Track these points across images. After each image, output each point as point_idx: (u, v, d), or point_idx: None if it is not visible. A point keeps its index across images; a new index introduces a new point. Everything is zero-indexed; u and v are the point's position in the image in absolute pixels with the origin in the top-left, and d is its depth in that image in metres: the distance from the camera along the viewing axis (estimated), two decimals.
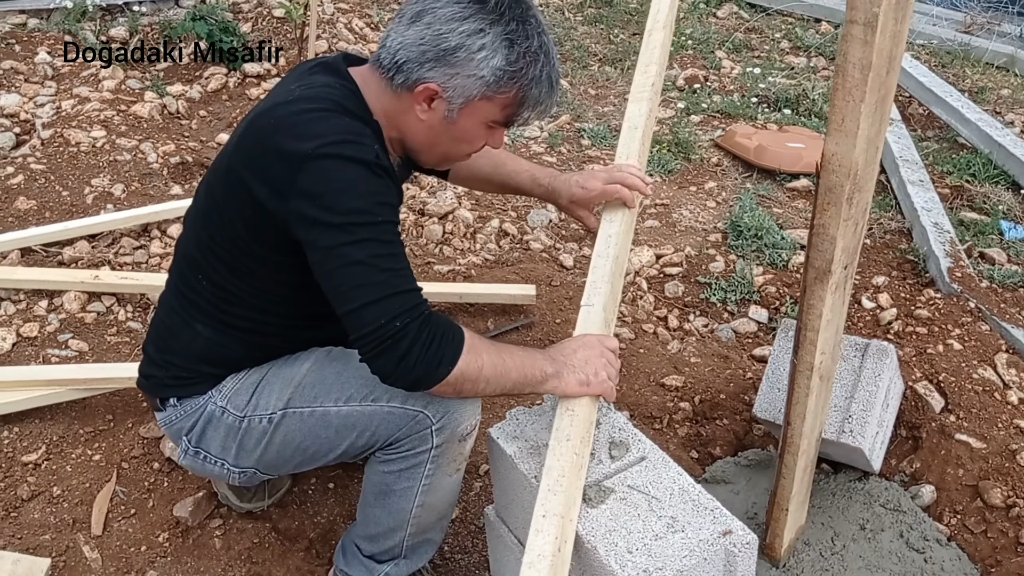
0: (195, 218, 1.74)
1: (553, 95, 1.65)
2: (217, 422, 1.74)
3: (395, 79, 1.58)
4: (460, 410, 1.70)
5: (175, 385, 1.77)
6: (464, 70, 1.54)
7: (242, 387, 1.74)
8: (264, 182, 1.52)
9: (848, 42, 1.47)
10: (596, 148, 4.12)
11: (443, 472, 1.76)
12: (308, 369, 1.75)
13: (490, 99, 1.58)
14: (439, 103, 1.58)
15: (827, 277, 1.69)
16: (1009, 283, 2.99)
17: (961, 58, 5.24)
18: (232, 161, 1.61)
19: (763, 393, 2.26)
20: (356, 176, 1.47)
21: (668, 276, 3.16)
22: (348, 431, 1.70)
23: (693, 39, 5.49)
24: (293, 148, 1.48)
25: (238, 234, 1.61)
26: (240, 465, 1.78)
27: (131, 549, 2.08)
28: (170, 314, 1.78)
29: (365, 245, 1.46)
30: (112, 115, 4.00)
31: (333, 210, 1.46)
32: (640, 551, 1.48)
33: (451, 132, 1.63)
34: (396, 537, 1.82)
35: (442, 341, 1.50)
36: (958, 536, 2.17)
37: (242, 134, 1.63)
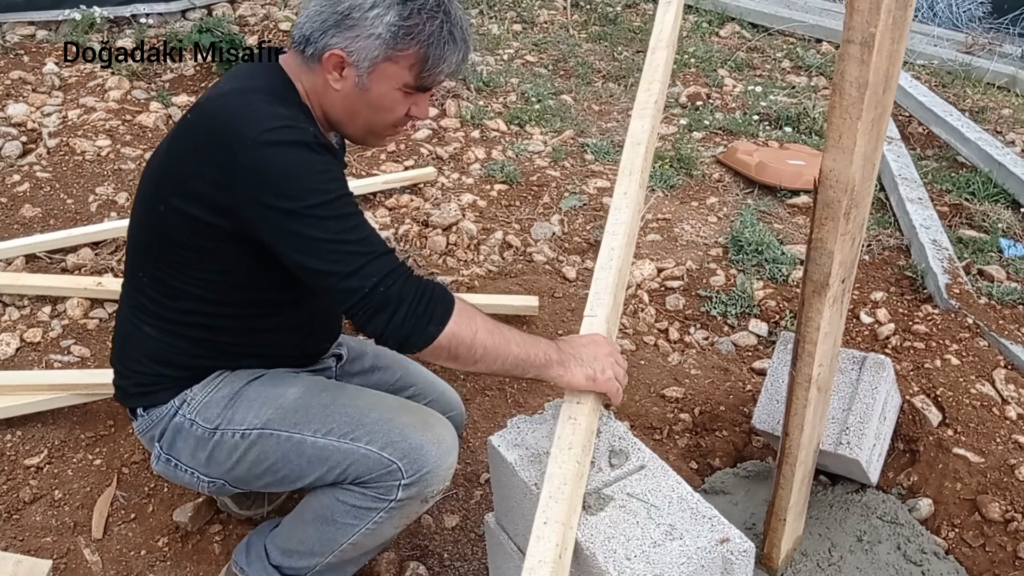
0: (136, 216, 1.73)
1: (458, 50, 1.63)
2: (187, 433, 1.73)
3: (306, 51, 1.60)
4: (435, 472, 1.69)
5: (140, 394, 1.76)
6: (362, 31, 1.56)
7: (212, 400, 1.73)
8: (204, 174, 1.53)
9: (845, 61, 1.49)
10: (599, 163, 4.15)
11: (392, 523, 1.74)
12: (294, 393, 1.73)
13: (394, 60, 1.59)
14: (349, 70, 1.60)
15: (825, 290, 1.71)
16: (1008, 300, 3.01)
17: (962, 78, 5.28)
18: (167, 156, 1.63)
19: (762, 405, 2.28)
20: (300, 159, 1.49)
21: (669, 289, 3.18)
22: (319, 464, 1.68)
23: (696, 57, 5.54)
24: (231, 139, 1.49)
25: (178, 227, 1.60)
26: (210, 475, 1.76)
27: (131, 553, 2.09)
28: (123, 320, 1.79)
29: (327, 224, 1.48)
30: (117, 124, 4.03)
31: (286, 196, 1.47)
32: (638, 558, 1.49)
33: (367, 99, 1.63)
34: (312, 560, 1.79)
35: (431, 300, 1.52)
36: (956, 550, 2.18)
37: (176, 129, 1.64)
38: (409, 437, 1.67)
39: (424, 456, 1.67)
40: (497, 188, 3.80)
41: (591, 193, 3.81)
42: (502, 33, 5.78)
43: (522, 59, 5.45)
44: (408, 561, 2.10)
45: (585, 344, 1.70)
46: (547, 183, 3.88)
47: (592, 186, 3.88)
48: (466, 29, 1.64)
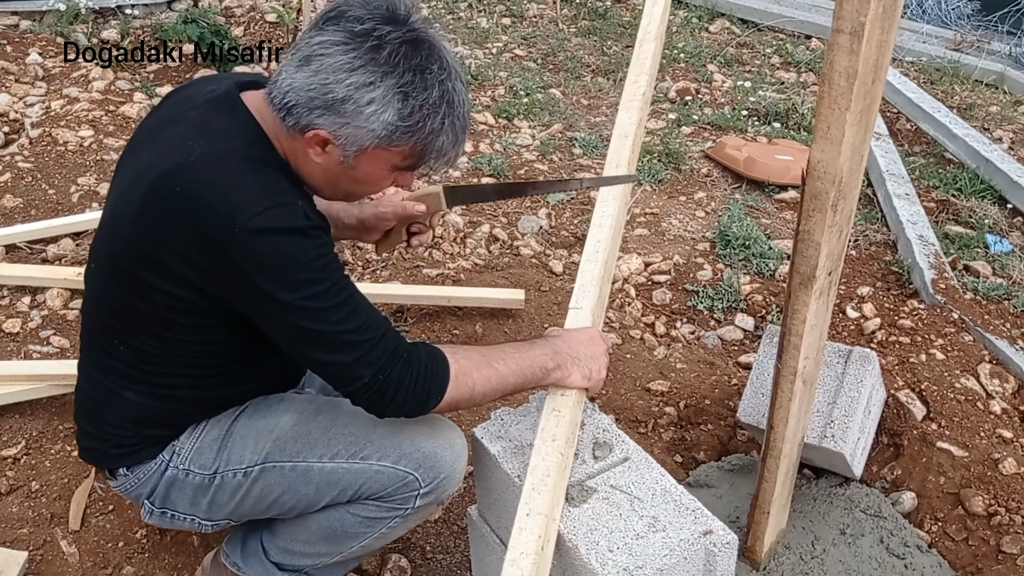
0: (100, 281, 1.58)
1: (458, 145, 1.53)
2: (182, 484, 1.65)
3: (286, 120, 1.45)
4: (451, 477, 1.66)
5: (121, 455, 1.65)
6: (354, 121, 1.42)
7: (203, 445, 1.65)
8: (186, 258, 1.41)
9: (834, 51, 1.48)
10: (587, 157, 4.13)
11: (404, 527, 1.72)
12: (290, 422, 1.66)
13: (387, 150, 1.47)
14: (333, 148, 1.46)
15: (812, 283, 1.69)
16: (994, 295, 3.01)
17: (950, 75, 5.29)
18: (138, 229, 1.45)
19: (747, 398, 2.27)
20: (292, 248, 1.39)
21: (656, 283, 3.17)
22: (330, 488, 1.63)
23: (686, 52, 5.53)
24: (216, 225, 1.37)
25: (160, 306, 1.49)
26: (212, 518, 1.70)
27: (108, 545, 2.07)
28: (93, 384, 1.64)
29: (325, 315, 1.42)
30: (101, 115, 4.00)
31: (281, 288, 1.39)
32: (621, 550, 1.48)
33: (350, 175, 1.51)
34: (316, 560, 1.76)
35: (427, 378, 1.50)
36: (939, 543, 2.18)
37: (144, 201, 1.44)
38: (422, 446, 1.64)
39: (439, 463, 1.64)
40: (484, 181, 3.78)
41: None
42: (491, 27, 5.76)
43: (511, 53, 5.43)
44: (390, 554, 2.08)
45: (582, 341, 1.70)
46: (535, 177, 3.86)
47: None
48: (466, 116, 1.52)
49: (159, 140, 1.53)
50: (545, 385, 1.67)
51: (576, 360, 1.67)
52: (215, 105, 1.52)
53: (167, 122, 1.56)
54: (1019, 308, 2.95)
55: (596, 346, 1.71)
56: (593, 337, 1.73)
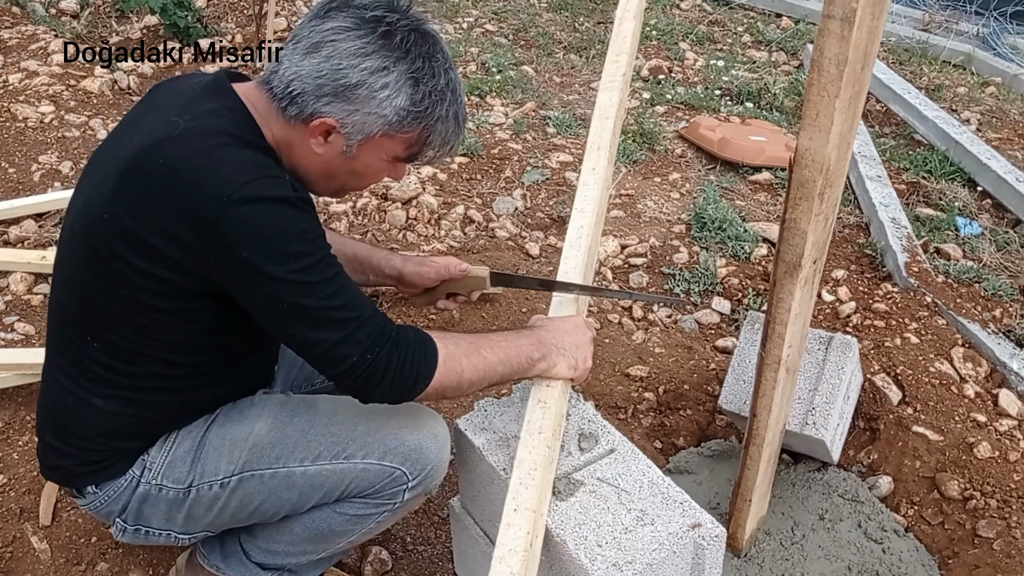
0: (72, 273, 1.51)
1: (460, 134, 1.56)
2: (155, 499, 1.59)
3: (288, 110, 1.45)
4: (438, 467, 1.64)
5: (89, 472, 1.57)
6: (365, 107, 1.44)
7: (175, 459, 1.58)
8: (172, 236, 1.36)
9: (825, 37, 1.46)
10: (561, 136, 4.09)
11: (393, 519, 1.69)
12: (265, 427, 1.60)
13: (392, 137, 1.49)
14: (336, 137, 1.47)
15: (797, 271, 1.69)
16: (964, 278, 3.04)
17: (919, 56, 5.32)
18: (118, 207, 1.40)
19: (728, 385, 2.27)
20: (282, 218, 1.36)
21: (633, 267, 3.15)
22: (315, 491, 1.59)
23: (657, 30, 5.49)
24: (203, 196, 1.33)
25: (140, 288, 1.42)
26: (190, 531, 1.65)
27: (81, 540, 2.02)
28: (60, 394, 1.56)
29: (313, 290, 1.39)
30: (61, 90, 3.88)
31: (270, 260, 1.35)
32: (610, 544, 1.47)
33: (349, 166, 1.52)
34: (301, 558, 1.72)
35: (414, 360, 1.47)
36: (915, 527, 2.20)
37: (123, 177, 1.40)
38: (406, 439, 1.61)
39: (426, 454, 1.61)
40: (458, 161, 3.73)
41: (553, 167, 3.76)
42: (461, 0, 5.68)
43: (482, 28, 5.36)
44: (370, 546, 2.06)
45: (567, 331, 1.68)
46: (509, 156, 3.82)
47: (555, 160, 3.83)
48: (465, 107, 1.56)
49: (143, 125, 1.48)
50: (531, 376, 1.65)
51: (562, 350, 1.65)
52: (202, 90, 1.50)
53: (152, 110, 1.52)
54: (990, 291, 2.98)
55: (581, 335, 1.70)
56: (578, 326, 1.72)
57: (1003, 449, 2.28)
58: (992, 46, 5.56)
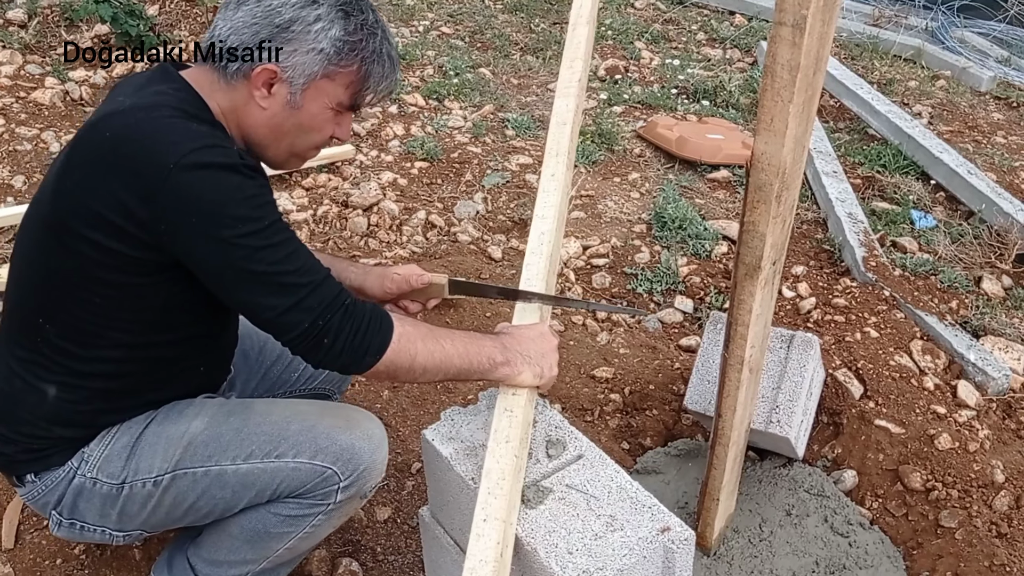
0: (29, 257, 1.53)
1: (395, 73, 1.58)
2: (89, 493, 1.58)
3: (229, 67, 1.47)
4: (371, 469, 1.63)
5: (30, 459, 1.58)
6: (302, 45, 1.46)
7: (112, 453, 1.58)
8: (119, 204, 1.37)
9: (777, 43, 1.48)
10: (520, 139, 4.10)
11: (329, 524, 1.68)
12: (200, 426, 1.60)
13: (332, 77, 1.50)
14: (280, 87, 1.49)
15: (757, 273, 1.71)
16: (921, 271, 3.09)
17: (870, 51, 5.40)
18: (65, 183, 1.43)
19: (693, 385, 2.29)
20: (228, 183, 1.37)
21: (595, 267, 3.17)
22: (247, 490, 1.58)
23: (613, 30, 5.52)
24: (149, 163, 1.35)
25: (93, 263, 1.43)
26: (124, 529, 1.64)
27: (45, 563, 1.98)
28: (10, 380, 1.56)
29: (262, 254, 1.38)
30: (11, 102, 3.80)
31: (217, 225, 1.36)
32: (580, 551, 1.47)
33: (296, 119, 1.53)
34: (244, 568, 1.71)
35: (368, 331, 1.47)
36: (880, 520, 2.24)
37: (72, 152, 1.44)
38: (338, 439, 1.60)
39: (358, 455, 1.61)
40: (418, 166, 3.73)
41: (513, 170, 3.77)
42: (416, 3, 5.66)
43: (438, 30, 5.34)
44: (340, 558, 2.04)
45: (532, 338, 1.67)
46: (468, 160, 3.81)
47: (514, 162, 3.83)
48: (395, 46, 1.58)
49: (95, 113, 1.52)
50: (492, 379, 1.64)
51: (527, 358, 1.65)
52: (147, 77, 1.53)
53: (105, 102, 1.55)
54: (945, 283, 3.04)
55: (547, 342, 1.70)
56: (543, 333, 1.71)
57: (963, 440, 2.33)
58: (941, 40, 5.66)
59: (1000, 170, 3.98)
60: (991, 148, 4.26)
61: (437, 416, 1.77)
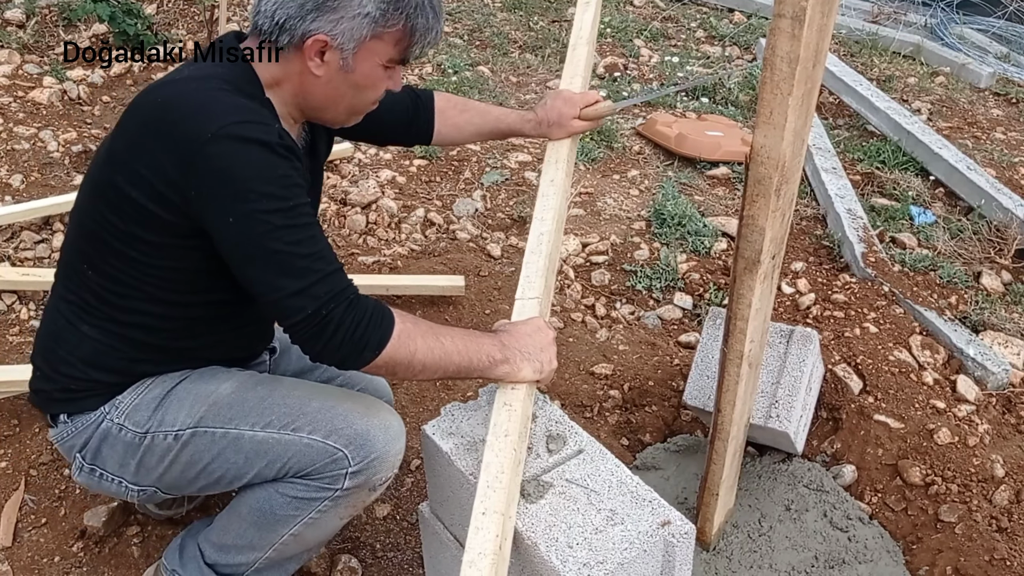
0: (81, 208, 1.63)
1: (440, 21, 1.61)
2: (114, 439, 1.63)
3: (280, 40, 1.52)
4: (382, 459, 1.64)
5: (65, 399, 1.65)
6: (348, 11, 1.50)
7: (142, 402, 1.63)
8: (159, 167, 1.44)
9: (776, 36, 1.47)
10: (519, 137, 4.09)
11: (336, 513, 1.69)
12: (228, 388, 1.65)
13: (380, 37, 1.53)
14: (331, 54, 1.53)
15: (756, 267, 1.70)
16: (920, 267, 3.09)
17: (869, 47, 5.40)
18: (117, 143, 1.52)
19: (692, 381, 2.28)
20: (261, 159, 1.42)
21: (594, 264, 3.17)
22: (259, 458, 1.61)
23: (612, 27, 5.52)
24: (189, 130, 1.41)
25: (132, 220, 1.50)
26: (140, 483, 1.67)
27: (44, 560, 1.98)
28: (55, 318, 1.66)
29: (281, 233, 1.41)
30: (9, 101, 3.80)
31: (242, 198, 1.40)
32: (581, 545, 1.47)
33: (351, 81, 1.57)
34: (251, 556, 1.73)
35: (368, 326, 1.47)
36: (879, 514, 2.24)
37: (127, 115, 1.54)
38: (354, 423, 1.62)
39: (371, 442, 1.62)
40: (416, 164, 3.72)
41: (512, 168, 3.77)
42: None
43: None
44: (339, 554, 2.04)
45: (529, 334, 1.68)
46: (467, 158, 3.81)
47: (513, 160, 3.83)
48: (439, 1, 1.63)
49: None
50: (492, 376, 1.65)
51: (526, 354, 1.65)
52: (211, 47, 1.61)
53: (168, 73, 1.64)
54: (945, 279, 3.04)
55: (544, 336, 1.70)
56: (540, 327, 1.72)
57: (962, 434, 2.33)
58: (940, 36, 5.66)
59: (999, 166, 3.98)
60: (990, 144, 4.25)
61: (436, 413, 1.77)
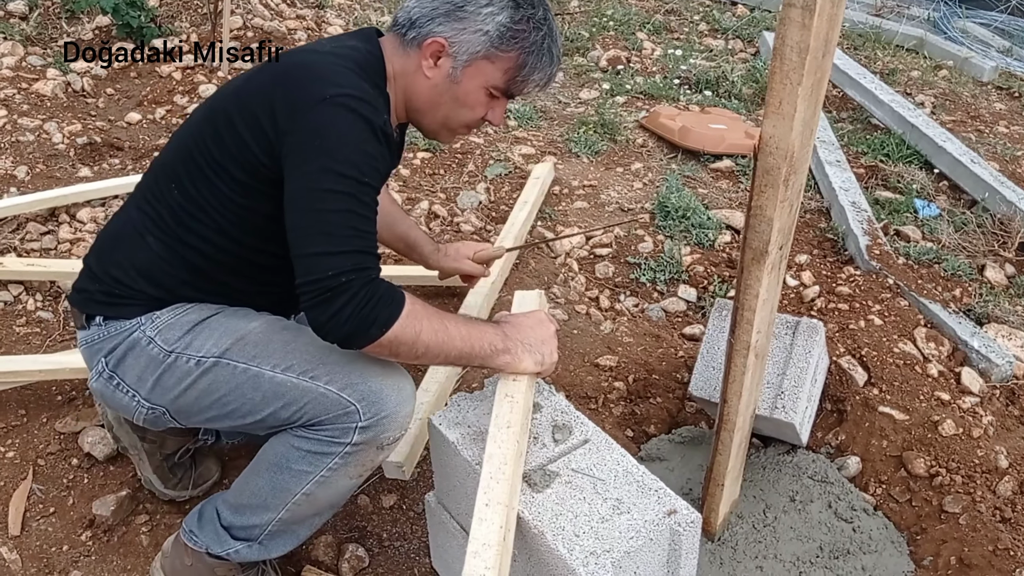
0: (185, 131, 1.73)
1: (553, 67, 1.71)
2: (140, 351, 1.67)
3: (407, 35, 1.66)
4: (392, 418, 1.64)
5: (106, 302, 1.70)
6: (471, 25, 1.62)
7: (177, 323, 1.68)
8: (272, 111, 1.54)
9: (786, 25, 1.47)
10: (523, 130, 4.09)
11: (346, 472, 1.69)
12: (257, 327, 1.70)
13: (491, 59, 1.65)
14: (445, 60, 1.65)
15: (764, 258, 1.71)
16: (924, 259, 3.09)
17: (873, 41, 5.39)
18: (247, 85, 1.64)
19: (698, 372, 2.29)
20: (361, 132, 1.51)
21: (598, 257, 3.17)
22: (275, 399, 1.64)
23: (615, 20, 5.51)
24: (311, 89, 1.53)
25: (229, 155, 1.61)
26: (152, 401, 1.69)
27: (52, 549, 1.98)
28: (124, 223, 1.74)
29: (343, 199, 1.48)
30: (13, 93, 3.80)
31: (327, 154, 1.49)
32: (587, 534, 1.48)
33: (454, 92, 1.68)
34: (264, 517, 1.74)
35: (378, 303, 1.50)
36: (884, 505, 2.24)
37: (263, 67, 1.67)
38: (369, 380, 1.63)
39: (383, 400, 1.63)
40: (420, 156, 3.72)
41: (516, 161, 3.77)
42: None
43: None
44: (346, 543, 2.05)
45: (532, 326, 1.71)
46: (471, 150, 3.81)
47: (517, 153, 3.83)
48: (560, 48, 1.73)
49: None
50: (492, 365, 1.67)
51: (527, 346, 1.69)
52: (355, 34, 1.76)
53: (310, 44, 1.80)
54: (949, 271, 3.04)
55: (545, 329, 1.74)
56: (541, 320, 1.76)
57: (966, 426, 2.33)
58: (943, 30, 5.66)
59: (1002, 159, 3.98)
60: (993, 138, 4.25)
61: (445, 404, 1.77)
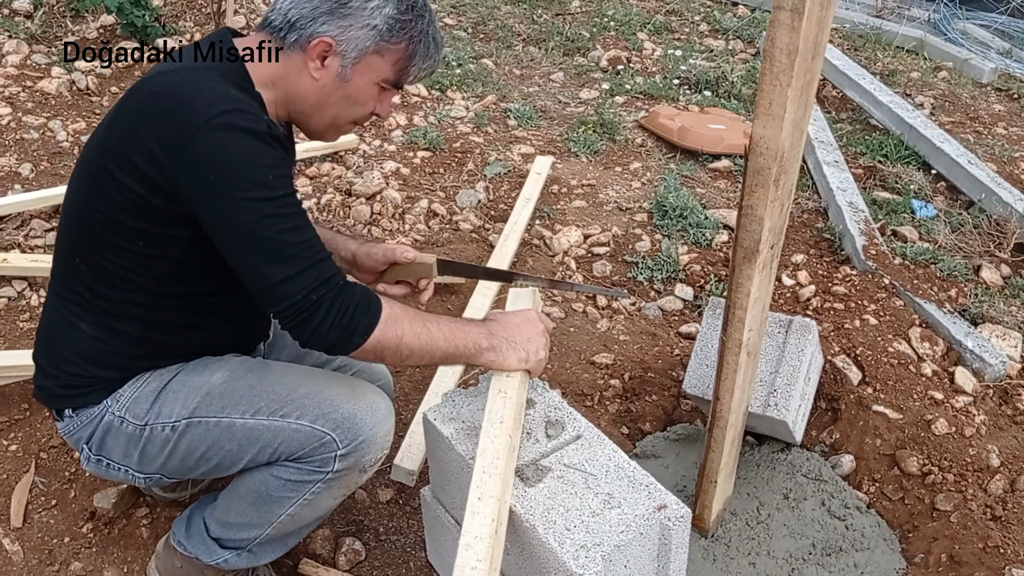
0: (72, 199, 1.63)
1: (438, 54, 1.67)
2: (116, 431, 1.67)
3: (287, 37, 1.56)
4: (370, 440, 1.66)
5: (68, 395, 1.68)
6: (357, 20, 1.55)
7: (141, 395, 1.66)
8: (150, 154, 1.45)
9: (775, 28, 1.50)
10: (523, 129, 4.12)
11: (330, 494, 1.72)
12: (219, 379, 1.68)
13: (381, 53, 1.59)
14: (332, 60, 1.57)
15: (755, 257, 1.73)
16: (921, 260, 3.11)
17: (873, 42, 5.41)
18: (111, 132, 1.54)
19: (692, 370, 2.31)
20: (251, 149, 1.44)
21: (596, 256, 3.19)
22: (251, 445, 1.64)
23: (616, 21, 5.53)
24: (181, 119, 1.43)
25: (121, 208, 1.52)
26: (144, 471, 1.71)
27: (54, 541, 2.01)
28: (53, 314, 1.68)
29: (270, 222, 1.44)
30: (18, 91, 3.82)
31: (232, 186, 1.42)
32: (578, 528, 1.50)
33: (344, 91, 1.61)
34: (251, 532, 1.77)
35: (356, 310, 1.50)
36: (877, 503, 2.26)
37: (120, 104, 1.56)
38: (341, 407, 1.64)
39: (358, 425, 1.64)
40: (420, 155, 3.75)
41: (515, 160, 3.79)
42: None
43: (440, 22, 5.35)
44: (343, 537, 2.07)
45: (519, 324, 1.71)
46: (471, 149, 3.83)
47: (516, 152, 3.85)
48: (441, 35, 1.68)
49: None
50: (478, 363, 1.68)
51: (512, 343, 1.69)
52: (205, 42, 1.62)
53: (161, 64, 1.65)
54: (945, 272, 3.06)
55: (533, 327, 1.73)
56: (530, 319, 1.75)
57: (959, 425, 2.35)
58: (943, 31, 5.67)
59: (1000, 161, 4.00)
60: (992, 139, 4.27)
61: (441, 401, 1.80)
